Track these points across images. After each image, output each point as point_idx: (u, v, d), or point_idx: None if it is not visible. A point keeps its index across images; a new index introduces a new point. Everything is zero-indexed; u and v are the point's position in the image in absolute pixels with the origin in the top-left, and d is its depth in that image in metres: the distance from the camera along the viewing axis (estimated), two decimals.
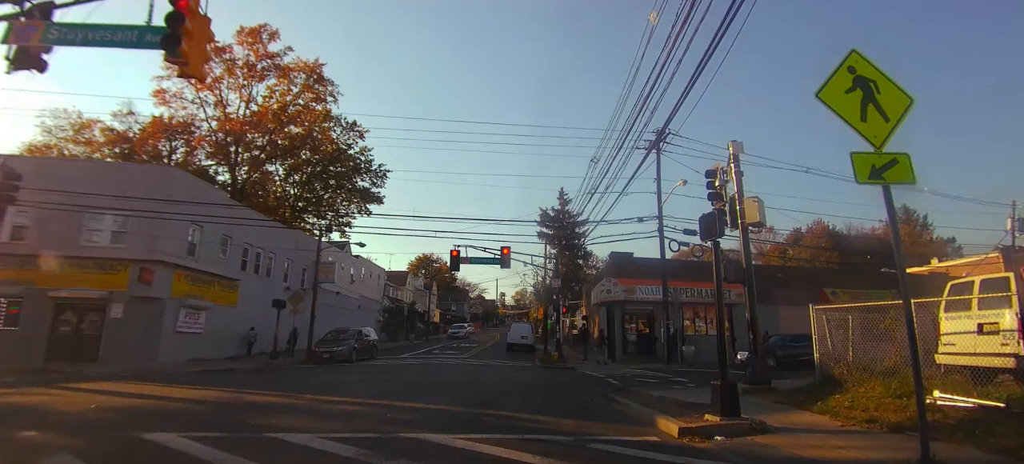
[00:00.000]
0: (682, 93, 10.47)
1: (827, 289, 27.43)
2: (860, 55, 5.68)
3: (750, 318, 13.90)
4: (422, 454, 5.75)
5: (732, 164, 14.04)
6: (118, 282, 19.67)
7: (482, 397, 11.21)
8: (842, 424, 7.33)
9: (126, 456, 5.81)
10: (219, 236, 23.70)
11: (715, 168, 13.61)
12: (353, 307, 39.87)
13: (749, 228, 14.15)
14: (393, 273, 63.09)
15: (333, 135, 38.51)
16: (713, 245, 9.09)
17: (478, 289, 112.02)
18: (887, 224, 5.72)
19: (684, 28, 9.23)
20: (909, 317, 5.36)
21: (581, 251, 41.27)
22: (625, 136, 17.30)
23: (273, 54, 36.41)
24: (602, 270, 35.17)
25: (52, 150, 34.10)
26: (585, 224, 33.11)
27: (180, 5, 6.79)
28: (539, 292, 53.28)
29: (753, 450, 6.12)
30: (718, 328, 9.15)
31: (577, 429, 7.44)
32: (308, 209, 40.62)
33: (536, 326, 45.35)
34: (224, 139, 35.64)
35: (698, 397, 9.50)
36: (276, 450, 5.94)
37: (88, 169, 23.96)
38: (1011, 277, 8.39)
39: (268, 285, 27.98)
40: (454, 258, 25.01)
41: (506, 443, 6.17)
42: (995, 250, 27.50)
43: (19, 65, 7.16)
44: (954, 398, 7.52)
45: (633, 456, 5.92)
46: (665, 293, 23.56)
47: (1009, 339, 8.05)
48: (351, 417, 8.61)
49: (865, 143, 5.49)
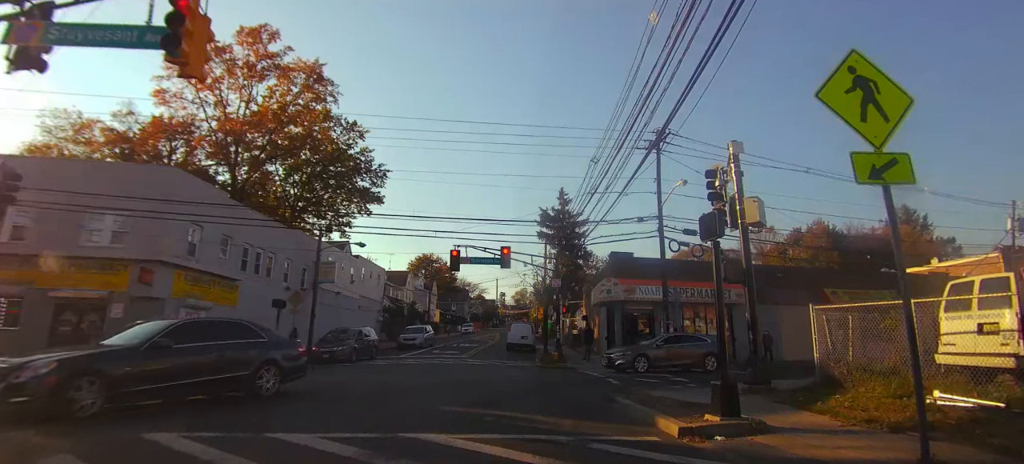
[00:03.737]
0: (682, 93, 10.49)
1: (827, 289, 27.44)
2: (860, 55, 5.68)
3: (750, 318, 13.91)
4: (422, 454, 5.75)
5: (732, 164, 14.03)
6: (118, 282, 19.68)
7: (482, 397, 11.21)
8: (842, 424, 7.33)
9: (126, 456, 5.82)
10: (219, 236, 23.71)
11: (715, 168, 13.60)
12: (353, 307, 39.87)
13: (749, 228, 14.15)
14: (393, 273, 63.10)
15: (333, 135, 38.56)
16: (713, 245, 9.09)
17: (478, 289, 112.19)
18: (887, 224, 5.72)
19: (684, 28, 9.24)
20: (909, 317, 5.36)
21: (581, 251, 41.22)
22: (625, 136, 17.32)
23: (273, 54, 36.48)
24: (602, 270, 35.20)
25: (52, 150, 34.10)
26: (585, 224, 33.13)
27: (180, 5, 6.79)
28: (539, 292, 53.26)
29: (753, 450, 6.12)
30: (718, 328, 9.15)
31: (577, 429, 7.45)
32: (308, 209, 40.65)
33: (536, 326, 45.35)
34: (224, 139, 35.65)
35: (698, 397, 9.50)
36: (276, 450, 5.95)
37: (88, 169, 23.98)
38: (1011, 277, 8.40)
39: (268, 285, 27.98)
40: (454, 258, 25.03)
41: (506, 443, 6.17)
42: (995, 250, 27.48)
43: (19, 65, 7.16)
44: (954, 398, 7.52)
45: (633, 456, 5.92)
46: (665, 293, 23.56)
47: (1009, 339, 8.06)
48: (351, 417, 8.61)
49: (865, 143, 5.48)
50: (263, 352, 10.19)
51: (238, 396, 9.71)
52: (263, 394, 9.90)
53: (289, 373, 10.68)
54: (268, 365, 10.18)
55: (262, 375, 10.05)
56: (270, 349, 10.42)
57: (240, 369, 9.70)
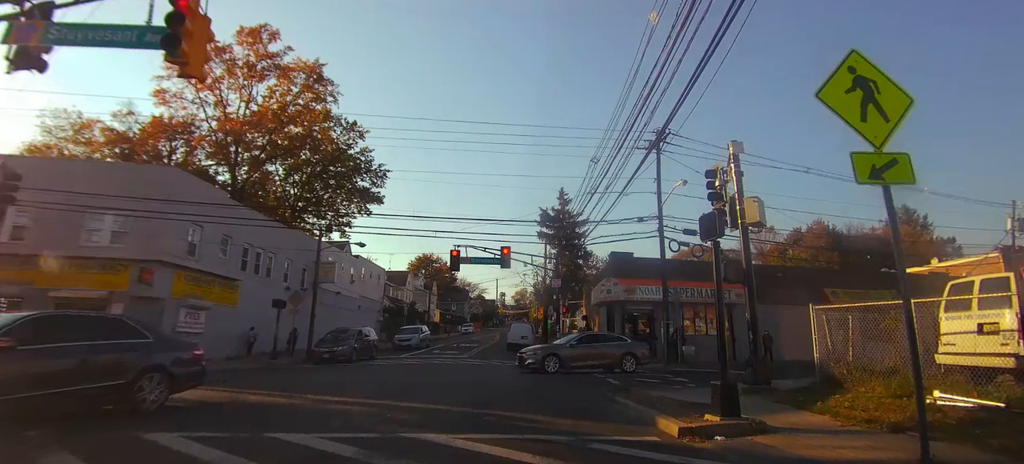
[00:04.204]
0: (682, 93, 10.50)
1: (827, 289, 27.42)
2: (860, 55, 5.68)
3: (750, 318, 13.91)
4: (423, 454, 5.75)
5: (732, 164, 14.05)
6: (118, 282, 19.69)
7: (482, 397, 11.21)
8: (842, 424, 7.32)
9: (126, 456, 5.81)
10: (219, 236, 23.72)
11: (715, 168, 13.61)
12: (353, 307, 39.89)
13: (749, 228, 14.16)
14: (393, 273, 63.16)
15: (333, 135, 38.59)
16: (713, 245, 9.09)
17: (478, 289, 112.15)
18: (887, 224, 5.72)
19: (684, 28, 9.25)
20: (909, 317, 5.36)
21: (581, 251, 41.27)
22: (625, 136, 17.34)
23: (273, 54, 36.51)
24: (602, 270, 35.18)
25: (52, 150, 34.12)
26: (585, 224, 33.18)
27: (180, 5, 6.79)
28: (539, 292, 53.31)
29: (753, 450, 6.12)
30: (718, 328, 9.15)
31: (577, 429, 7.44)
32: (308, 209, 40.66)
33: (536, 326, 45.36)
34: (224, 139, 35.66)
35: (698, 397, 9.49)
36: (277, 450, 5.94)
37: (88, 169, 24.00)
38: (1011, 277, 8.40)
39: (268, 285, 27.99)
40: (454, 258, 25.06)
41: (506, 443, 6.17)
42: (995, 250, 27.48)
43: (19, 65, 7.17)
44: (954, 398, 7.52)
45: (633, 456, 5.92)
46: (665, 293, 23.56)
47: (1009, 339, 8.06)
48: (351, 417, 8.62)
49: (865, 143, 5.48)
50: (146, 356, 8.26)
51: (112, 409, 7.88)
52: (145, 408, 7.96)
53: (180, 381, 8.85)
54: (152, 372, 8.25)
55: (143, 385, 8.05)
56: (155, 352, 8.48)
57: (113, 377, 7.72)
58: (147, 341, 8.55)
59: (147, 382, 8.16)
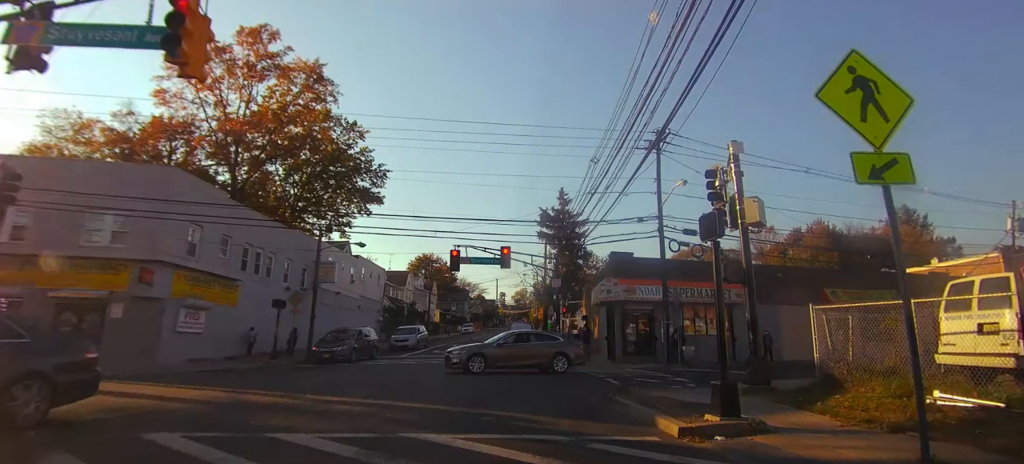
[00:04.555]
0: (682, 93, 10.50)
1: (827, 289, 27.41)
2: (860, 55, 5.67)
3: (750, 318, 13.91)
4: (423, 454, 5.76)
5: (732, 164, 14.04)
6: (118, 282, 19.69)
7: (482, 397, 11.20)
8: (842, 424, 7.32)
9: (126, 456, 5.81)
10: (219, 236, 23.72)
11: (715, 168, 13.61)
12: (353, 307, 39.89)
13: (749, 228, 14.16)
14: (393, 273, 63.13)
15: (333, 135, 38.58)
16: (713, 245, 9.08)
17: (478, 289, 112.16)
18: (887, 224, 5.72)
19: (684, 28, 9.25)
20: (909, 317, 5.35)
21: (581, 251, 41.30)
22: (625, 136, 17.34)
23: (273, 54, 36.50)
24: (602, 270, 35.16)
25: (52, 150, 34.13)
26: (585, 224, 33.17)
27: (180, 5, 6.79)
28: (539, 292, 53.30)
29: (753, 450, 6.12)
30: (718, 328, 9.14)
31: (577, 429, 7.44)
32: (308, 209, 40.66)
33: (536, 326, 45.36)
34: (224, 139, 35.66)
35: (698, 397, 9.50)
36: (277, 450, 5.95)
37: (88, 169, 23.99)
38: (1011, 277, 8.40)
39: (268, 285, 28.00)
40: (454, 258, 25.05)
41: (506, 443, 6.17)
42: (995, 250, 27.51)
43: (19, 65, 7.16)
44: (954, 398, 7.52)
45: (633, 456, 5.92)
46: (665, 293, 23.54)
47: (1009, 339, 8.06)
48: (352, 417, 8.62)
49: (865, 143, 5.48)
50: (22, 361, 6.78)
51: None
52: (20, 423, 6.48)
53: (65, 389, 7.30)
54: (29, 379, 6.76)
55: (16, 395, 6.54)
56: (34, 356, 7.01)
57: None
58: (23, 342, 7.09)
59: (22, 391, 6.65)
